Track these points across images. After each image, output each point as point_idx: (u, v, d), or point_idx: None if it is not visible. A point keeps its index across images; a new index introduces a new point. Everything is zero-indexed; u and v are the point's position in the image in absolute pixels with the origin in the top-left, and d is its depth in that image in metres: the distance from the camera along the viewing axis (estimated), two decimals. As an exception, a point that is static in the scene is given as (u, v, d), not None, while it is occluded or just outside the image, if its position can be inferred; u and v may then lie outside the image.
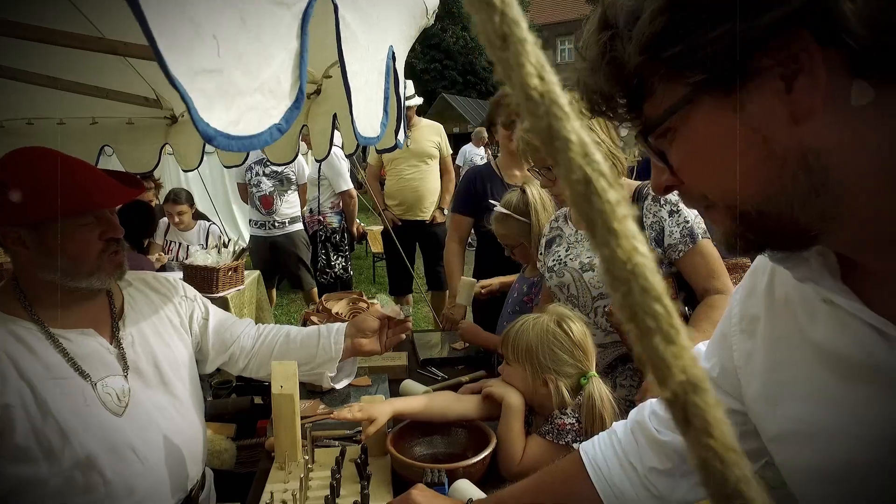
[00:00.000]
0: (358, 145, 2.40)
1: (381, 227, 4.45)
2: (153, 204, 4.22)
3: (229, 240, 3.92)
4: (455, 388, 2.02)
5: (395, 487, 1.36)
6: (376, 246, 6.98)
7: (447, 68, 20.82)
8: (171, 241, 4.06)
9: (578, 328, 1.44)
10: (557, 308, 1.50)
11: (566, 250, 1.79)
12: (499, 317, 2.34)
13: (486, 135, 11.13)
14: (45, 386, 1.26)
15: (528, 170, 2.19)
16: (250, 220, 4.60)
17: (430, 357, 2.26)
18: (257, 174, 4.48)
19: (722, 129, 0.52)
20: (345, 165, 4.29)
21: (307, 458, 1.33)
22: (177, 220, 3.98)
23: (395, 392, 1.94)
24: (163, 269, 3.80)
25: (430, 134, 4.22)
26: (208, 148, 3.63)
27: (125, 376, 1.38)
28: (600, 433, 1.00)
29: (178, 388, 1.51)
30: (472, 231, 2.97)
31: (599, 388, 1.38)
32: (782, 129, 0.50)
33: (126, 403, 1.36)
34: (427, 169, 4.18)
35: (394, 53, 1.45)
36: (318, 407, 1.81)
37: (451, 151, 4.53)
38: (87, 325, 1.39)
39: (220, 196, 8.12)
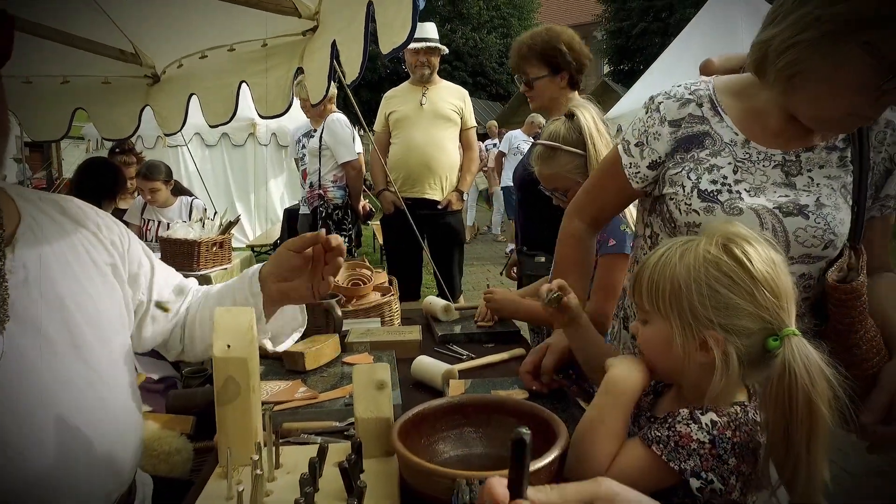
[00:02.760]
0: (362, 68, 1.93)
1: (381, 218, 3.73)
2: (132, 181, 3.72)
3: (215, 212, 3.42)
4: (485, 368, 1.50)
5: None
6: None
7: (457, 69, 20.45)
8: (148, 220, 3.56)
9: (762, 254, 0.86)
10: (724, 225, 0.91)
11: (734, 172, 1.07)
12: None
13: (496, 127, 10.67)
14: None
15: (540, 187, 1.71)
16: (301, 198, 4.11)
17: (450, 333, 1.73)
18: (303, 146, 3.97)
19: None
20: (348, 133, 3.74)
21: (256, 457, 0.80)
22: (149, 197, 3.47)
23: (405, 373, 1.42)
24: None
25: (451, 96, 3.53)
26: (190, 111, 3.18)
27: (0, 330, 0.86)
28: None
29: (96, 355, 0.98)
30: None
31: (803, 354, 0.80)
32: None
33: None
34: (443, 135, 3.47)
35: None
36: (298, 390, 1.29)
37: (476, 123, 3.83)
38: None
39: (245, 178, 7.75)
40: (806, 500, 0.80)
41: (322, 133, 3.75)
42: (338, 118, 3.72)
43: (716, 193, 1.06)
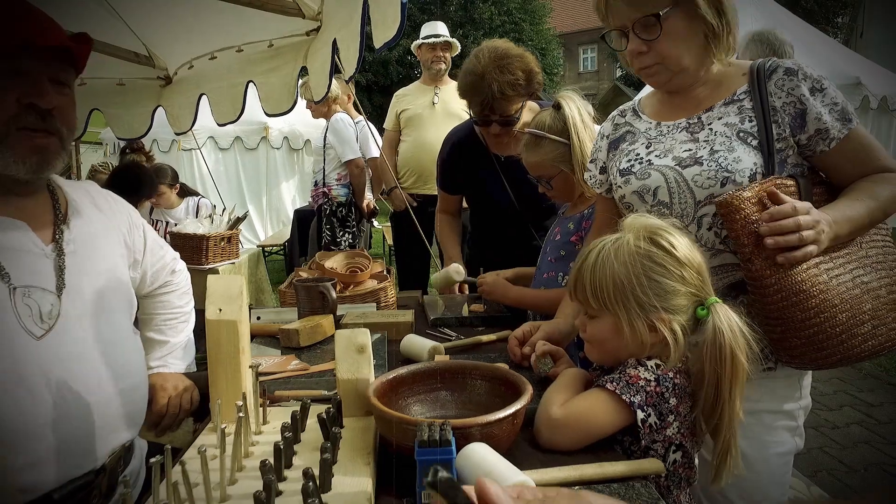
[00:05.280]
0: (358, 63, 2.01)
1: (390, 215, 3.84)
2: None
3: (224, 208, 3.52)
4: (472, 347, 1.56)
5: (381, 462, 0.91)
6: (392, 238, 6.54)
7: (469, 74, 20.50)
8: (157, 220, 3.68)
9: (682, 240, 1.01)
10: (639, 219, 1.04)
11: (646, 147, 1.29)
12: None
13: None
14: None
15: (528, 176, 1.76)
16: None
17: (441, 317, 1.80)
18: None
19: None
20: (351, 132, 3.82)
21: (239, 404, 0.87)
22: (154, 199, 3.58)
23: (395, 352, 1.49)
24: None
25: None
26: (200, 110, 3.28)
27: (58, 295, 1.05)
28: None
29: (120, 323, 1.18)
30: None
31: (727, 317, 0.96)
32: None
33: (50, 327, 1.01)
34: None
35: None
36: (291, 363, 1.37)
37: None
38: (20, 218, 1.06)
39: (258, 181, 7.89)
40: (727, 438, 0.95)
41: (326, 132, 3.84)
42: (341, 118, 3.81)
43: (630, 167, 1.28)
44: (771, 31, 2.78)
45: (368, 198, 4.04)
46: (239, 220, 3.35)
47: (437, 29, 3.65)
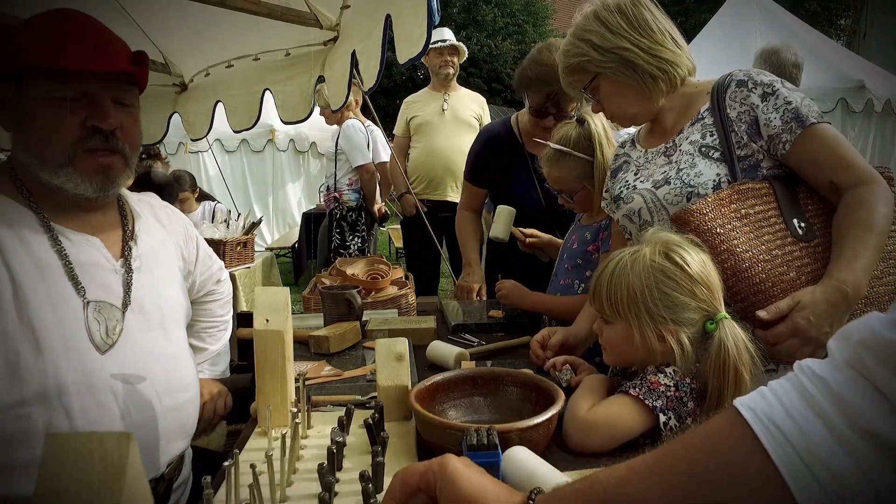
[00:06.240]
0: (378, 76, 2.06)
1: (401, 220, 3.87)
2: None
3: (239, 214, 3.58)
4: (495, 353, 1.61)
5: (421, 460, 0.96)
6: (400, 240, 6.58)
7: (472, 76, 20.56)
8: None
9: (696, 257, 1.06)
10: (660, 234, 1.11)
11: (635, 174, 1.41)
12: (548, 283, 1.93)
13: None
14: (30, 283, 1.00)
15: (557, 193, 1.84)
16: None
17: (462, 322, 1.85)
18: None
19: None
20: (362, 138, 3.87)
21: (294, 411, 0.93)
22: (177, 207, 3.66)
23: (421, 358, 1.54)
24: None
25: (472, 102, 3.71)
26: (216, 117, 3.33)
27: (123, 311, 1.09)
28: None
29: (176, 337, 1.22)
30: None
31: (734, 333, 1.00)
32: None
33: (113, 343, 1.06)
34: (463, 140, 3.50)
35: None
36: (323, 369, 1.42)
37: None
38: (92, 233, 1.11)
39: (264, 183, 7.96)
40: None
41: (338, 138, 3.90)
42: (353, 124, 3.86)
43: (620, 194, 1.40)
44: (778, 50, 2.82)
45: (379, 202, 4.10)
46: (254, 225, 3.41)
47: (444, 34, 3.68)
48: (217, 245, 3.15)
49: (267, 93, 2.98)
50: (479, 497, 0.60)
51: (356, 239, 3.85)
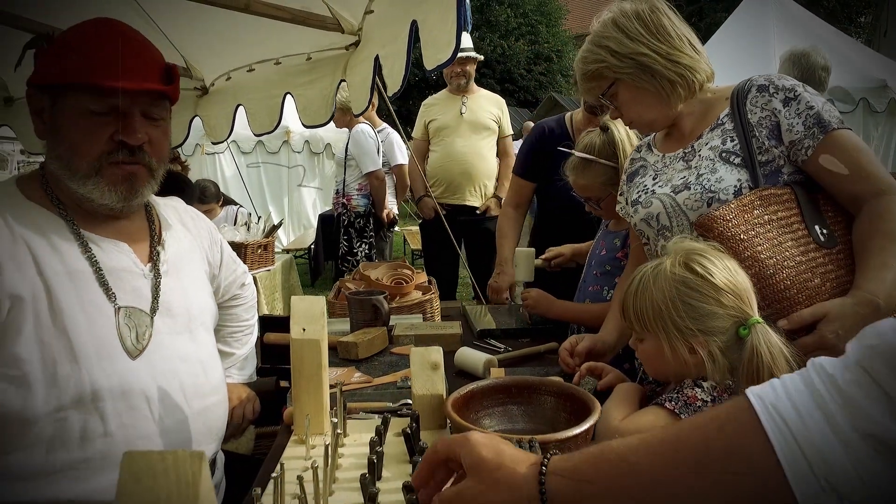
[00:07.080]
0: (403, 82, 2.07)
1: (417, 226, 3.91)
2: None
3: (259, 217, 3.61)
4: (522, 360, 1.61)
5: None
6: (415, 242, 6.59)
7: (485, 76, 20.53)
8: None
9: (719, 264, 1.03)
10: (682, 244, 1.09)
11: (653, 178, 1.40)
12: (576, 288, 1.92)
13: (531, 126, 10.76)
14: (64, 291, 1.02)
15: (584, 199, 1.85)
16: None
17: (488, 328, 1.85)
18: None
19: None
20: (372, 144, 3.87)
21: (335, 421, 0.94)
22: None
23: (448, 364, 1.54)
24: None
25: (490, 105, 3.68)
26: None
27: (152, 316, 1.12)
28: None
29: (204, 341, 1.24)
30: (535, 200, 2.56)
31: (767, 338, 0.97)
32: None
33: (144, 347, 1.08)
34: (482, 144, 3.61)
35: None
36: (353, 375, 1.43)
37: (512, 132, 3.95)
38: (121, 239, 1.14)
39: (279, 185, 8.02)
40: None
41: (348, 143, 3.91)
42: (363, 129, 3.86)
43: (638, 198, 1.40)
44: (808, 53, 2.78)
45: (389, 207, 4.10)
46: (274, 228, 3.43)
47: (463, 42, 3.67)
48: (238, 248, 3.18)
49: (288, 97, 3.01)
50: (497, 457, 0.66)
51: (363, 245, 3.86)
